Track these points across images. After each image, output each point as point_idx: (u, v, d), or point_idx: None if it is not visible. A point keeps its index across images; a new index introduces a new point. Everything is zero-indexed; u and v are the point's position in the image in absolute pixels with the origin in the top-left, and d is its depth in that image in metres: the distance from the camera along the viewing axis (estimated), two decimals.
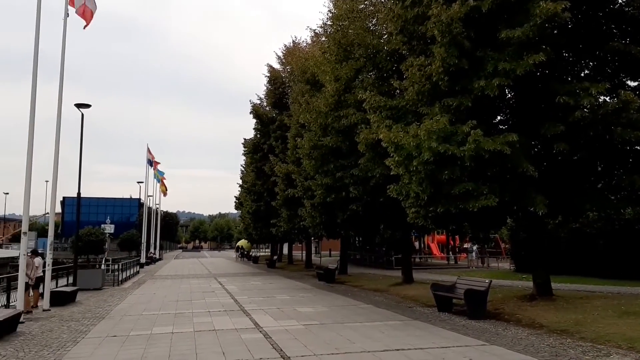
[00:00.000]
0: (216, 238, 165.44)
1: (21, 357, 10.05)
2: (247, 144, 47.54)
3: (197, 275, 35.39)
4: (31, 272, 16.69)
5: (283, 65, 40.05)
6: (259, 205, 43.33)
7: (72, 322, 14.51)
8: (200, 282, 28.42)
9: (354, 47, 21.90)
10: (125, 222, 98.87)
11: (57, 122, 17.88)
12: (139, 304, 18.79)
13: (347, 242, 34.43)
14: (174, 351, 10.20)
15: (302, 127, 27.37)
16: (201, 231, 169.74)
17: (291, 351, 9.92)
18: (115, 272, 29.25)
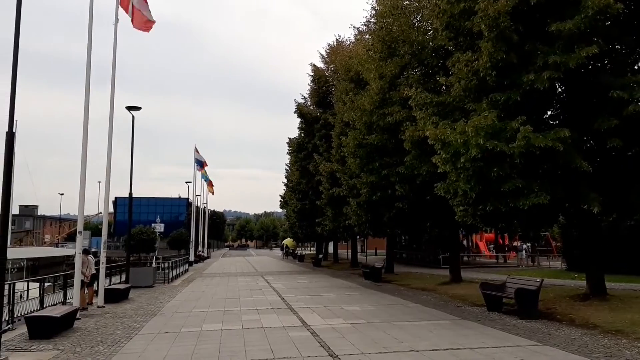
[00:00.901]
0: (262, 237, 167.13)
1: (78, 352, 10.40)
2: (291, 143, 47.84)
3: (244, 273, 35.84)
4: (86, 270, 17.21)
5: (327, 64, 40.09)
6: (304, 204, 43.52)
7: (126, 318, 14.93)
8: (247, 280, 28.78)
9: (398, 44, 21.73)
10: (174, 221, 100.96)
11: (110, 125, 18.42)
12: (188, 301, 19.17)
13: (393, 241, 34.22)
14: (223, 348, 10.36)
15: (347, 125, 27.35)
16: (247, 230, 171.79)
17: (339, 349, 9.94)
18: (165, 270, 29.92)
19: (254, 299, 19.05)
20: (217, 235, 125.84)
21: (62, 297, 17.64)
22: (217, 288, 24.30)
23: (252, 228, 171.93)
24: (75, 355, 10.04)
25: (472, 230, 37.12)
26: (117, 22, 18.19)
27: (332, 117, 32.70)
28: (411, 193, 21.29)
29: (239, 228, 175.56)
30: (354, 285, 24.72)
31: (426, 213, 22.35)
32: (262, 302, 17.96)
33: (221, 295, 20.65)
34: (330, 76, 39.04)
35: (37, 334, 11.84)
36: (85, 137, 15.89)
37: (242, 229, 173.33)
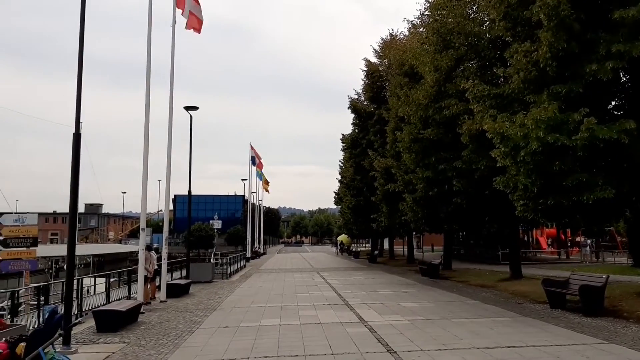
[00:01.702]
0: (316, 233, 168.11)
1: (143, 345, 10.74)
2: (345, 139, 47.79)
3: (300, 269, 36.12)
4: (149, 265, 17.71)
5: (380, 58, 39.84)
6: (359, 200, 43.42)
7: (187, 313, 15.32)
8: (303, 276, 28.99)
9: (453, 36, 21.35)
10: (231, 218, 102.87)
11: (169, 125, 18.90)
12: (247, 296, 19.49)
13: (450, 237, 33.69)
14: (282, 343, 10.47)
15: (401, 120, 27.09)
16: (302, 226, 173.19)
17: (397, 346, 9.88)
18: (223, 266, 30.50)
19: (311, 295, 19.17)
20: (273, 232, 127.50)
21: (127, 291, 18.30)
22: (274, 284, 24.59)
23: (307, 224, 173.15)
24: (140, 348, 10.37)
25: (533, 226, 36.06)
26: (174, 24, 18.64)
27: (387, 112, 32.47)
28: (469, 188, 20.90)
29: (294, 225, 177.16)
30: (410, 281, 24.51)
31: (485, 208, 21.89)
32: (318, 298, 18.06)
33: (278, 291, 20.88)
34: (384, 71, 38.76)
35: (104, 327, 12.30)
36: (146, 138, 16.37)
37: (297, 226, 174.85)
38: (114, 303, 15.06)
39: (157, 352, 9.96)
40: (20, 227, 15.67)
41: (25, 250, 15.52)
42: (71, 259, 11.10)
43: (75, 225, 11.09)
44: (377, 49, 40.02)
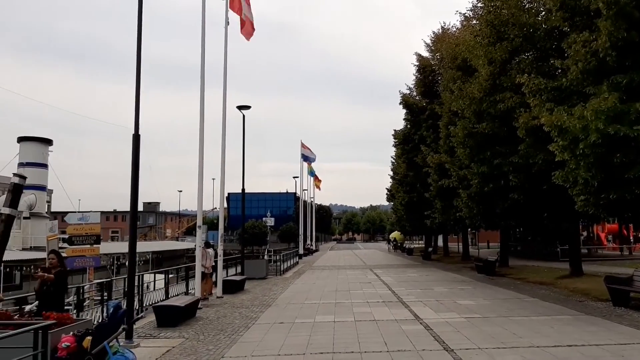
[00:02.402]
0: (368, 230, 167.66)
1: (201, 340, 11.00)
2: (397, 135, 47.41)
3: (353, 266, 36.12)
4: (206, 262, 18.05)
5: (432, 52, 39.28)
6: (412, 196, 43.01)
7: (243, 308, 15.58)
8: (356, 273, 28.98)
9: (508, 28, 20.85)
10: (283, 215, 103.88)
11: (223, 125, 19.22)
12: (300, 293, 19.65)
13: (506, 233, 32.95)
14: (337, 339, 10.51)
15: (455, 114, 26.66)
16: (354, 223, 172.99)
17: (454, 344, 9.76)
18: (277, 263, 30.85)
19: (365, 292, 19.15)
20: (324, 229, 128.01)
21: (185, 287, 18.76)
22: (327, 280, 24.69)
23: (359, 221, 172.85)
24: (199, 343, 10.63)
25: (594, 221, 34.89)
26: (227, 25, 18.95)
27: (439, 106, 32.01)
28: (526, 183, 20.38)
29: (346, 222, 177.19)
30: (466, 279, 24.12)
31: (543, 203, 21.29)
32: (372, 295, 18.02)
33: (331, 288, 20.95)
34: (436, 65, 38.21)
35: (164, 322, 12.66)
36: (201, 138, 16.71)
37: (349, 223, 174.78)
38: (173, 299, 15.48)
39: (215, 347, 10.18)
40: (83, 225, 16.33)
41: (89, 247, 16.16)
42: (132, 256, 11.48)
43: (135, 223, 11.44)
44: (429, 43, 39.50)
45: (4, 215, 14.12)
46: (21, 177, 14.49)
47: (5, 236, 14.06)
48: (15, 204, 14.41)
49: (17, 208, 14.80)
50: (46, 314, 7.52)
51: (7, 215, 13.98)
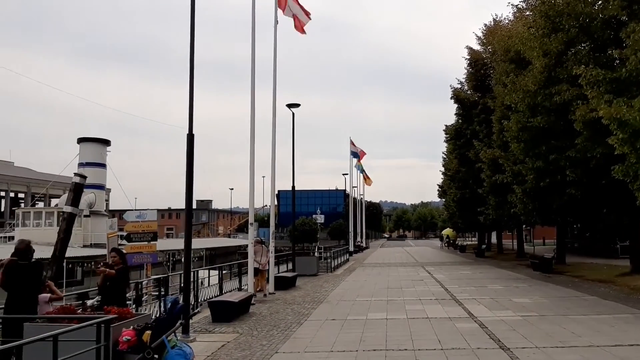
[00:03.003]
0: (419, 227, 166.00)
1: (255, 335, 11.16)
2: (448, 130, 46.70)
3: (404, 263, 35.86)
4: (261, 258, 18.18)
5: (484, 45, 38.45)
6: (464, 192, 42.32)
7: (295, 305, 15.70)
8: (408, 271, 28.76)
9: (563, 18, 20.19)
10: (333, 212, 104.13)
11: (273, 123, 19.40)
12: (352, 290, 19.65)
13: (563, 230, 32.01)
14: (390, 337, 10.46)
15: (508, 108, 26.04)
16: (404, 220, 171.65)
17: (511, 342, 9.55)
18: (327, 260, 30.93)
19: (417, 290, 18.98)
20: (375, 226, 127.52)
21: (238, 283, 19.07)
22: (378, 278, 24.59)
23: (409, 218, 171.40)
24: (253, 338, 10.78)
25: None
26: (276, 24, 19.08)
27: (492, 100, 31.35)
28: (584, 178, 19.73)
29: (396, 218, 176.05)
30: (521, 276, 23.56)
31: (601, 199, 20.58)
32: (425, 293, 17.84)
33: (383, 285, 20.86)
34: (488, 58, 37.38)
35: (218, 317, 12.89)
36: (252, 137, 16.87)
37: (399, 220, 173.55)
38: (227, 294, 15.77)
39: (269, 342, 10.30)
40: (141, 222, 16.82)
41: (146, 244, 16.64)
42: (188, 253, 11.75)
43: (191, 221, 11.71)
44: (480, 36, 38.66)
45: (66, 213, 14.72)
46: (82, 177, 15.06)
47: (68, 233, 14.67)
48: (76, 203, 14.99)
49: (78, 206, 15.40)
50: (107, 309, 7.78)
51: (69, 214, 14.56)
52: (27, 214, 40.15)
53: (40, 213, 39.85)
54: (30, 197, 64.28)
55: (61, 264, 14.59)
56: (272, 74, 19.54)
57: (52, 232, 29.60)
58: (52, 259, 13.97)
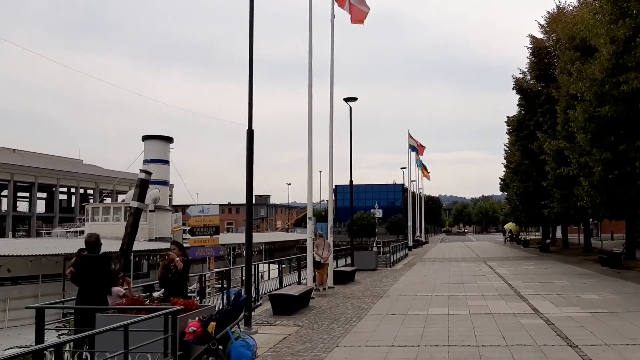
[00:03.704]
0: (480, 221, 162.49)
1: (315, 328, 11.25)
2: (510, 121, 45.44)
3: (465, 258, 35.26)
4: (322, 252, 18.23)
5: (547, 33, 37.19)
6: (527, 185, 41.17)
7: (354, 299, 15.72)
8: (469, 266, 28.26)
9: (631, 3, 19.30)
10: (391, 207, 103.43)
11: (330, 117, 19.45)
12: (412, 284, 19.49)
13: (633, 223, 30.61)
14: (452, 332, 10.32)
15: (574, 98, 25.08)
16: (464, 214, 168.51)
17: (578, 339, 9.24)
18: (386, 254, 30.76)
19: (479, 285, 18.62)
20: (434, 221, 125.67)
21: (297, 277, 19.26)
22: (439, 273, 24.29)
23: (470, 212, 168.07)
24: (313, 331, 10.88)
25: None
26: (333, 19, 19.08)
27: (556, 90, 30.28)
28: None
29: (456, 213, 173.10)
30: (589, 272, 22.73)
31: None
32: (487, 288, 17.48)
33: (444, 280, 20.58)
34: (551, 47, 36.13)
35: (279, 310, 13.09)
36: (310, 132, 16.98)
37: (459, 214, 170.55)
38: (287, 288, 15.95)
39: (330, 336, 10.36)
40: (203, 217, 17.23)
41: (209, 238, 17.04)
42: (249, 247, 11.95)
43: (251, 215, 11.90)
44: (543, 24, 37.42)
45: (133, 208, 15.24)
46: (147, 173, 15.56)
47: (135, 227, 15.18)
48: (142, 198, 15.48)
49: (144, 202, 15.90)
50: (174, 300, 8.02)
51: (135, 209, 15.08)
52: (96, 209, 41.81)
53: (108, 208, 41.41)
54: (99, 193, 67.00)
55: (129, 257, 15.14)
56: (330, 68, 19.57)
57: (119, 226, 30.82)
58: (120, 252, 14.52)
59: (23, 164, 64.06)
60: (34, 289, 25.98)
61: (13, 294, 24.91)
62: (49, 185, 68.84)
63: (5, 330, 23.32)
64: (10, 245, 30.33)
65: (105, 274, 8.27)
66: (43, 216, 70.53)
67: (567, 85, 25.86)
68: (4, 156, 65.37)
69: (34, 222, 66.72)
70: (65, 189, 73.78)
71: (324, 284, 18.07)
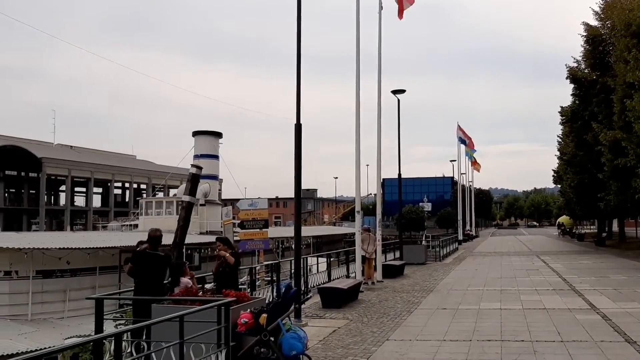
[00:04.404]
0: (532, 214, 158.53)
1: (365, 322, 11.25)
2: (564, 112, 44.08)
3: (517, 252, 34.50)
4: (367, 246, 18.22)
5: (602, 21, 35.82)
6: (582, 177, 39.88)
7: (404, 293, 15.63)
8: (521, 260, 27.64)
9: None
10: (440, 200, 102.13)
11: (378, 110, 19.33)
12: (462, 279, 19.22)
13: None
14: (505, 327, 10.14)
15: (630, 87, 24.16)
16: (516, 208, 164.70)
17: (637, 336, 8.95)
18: (435, 248, 30.43)
19: (532, 280, 18.20)
20: (484, 214, 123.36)
21: (345, 271, 19.28)
22: (490, 267, 23.86)
23: (522, 206, 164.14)
24: (363, 325, 10.88)
25: None
26: (381, 10, 18.92)
27: (612, 79, 29.20)
28: None
29: (507, 206, 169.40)
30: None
31: None
32: (541, 283, 17.07)
33: (495, 275, 20.20)
34: (606, 34, 34.80)
35: (328, 303, 13.14)
36: (357, 125, 16.92)
37: (510, 207, 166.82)
38: (336, 281, 16.00)
39: (379, 329, 10.34)
40: (253, 210, 17.46)
41: (258, 231, 17.27)
42: (298, 240, 12.03)
43: (300, 209, 11.98)
44: (598, 11, 36.07)
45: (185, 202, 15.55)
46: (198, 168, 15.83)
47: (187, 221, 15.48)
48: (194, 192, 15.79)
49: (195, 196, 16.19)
50: (225, 292, 8.16)
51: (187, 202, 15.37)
52: (149, 203, 42.99)
53: (161, 202, 42.53)
54: (151, 187, 68.74)
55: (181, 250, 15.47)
56: (377, 59, 19.42)
57: (172, 220, 31.57)
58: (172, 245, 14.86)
59: (80, 160, 66.37)
60: (92, 280, 26.93)
61: (72, 285, 25.90)
62: (104, 181, 71.10)
63: (65, 320, 24.30)
64: (69, 238, 31.51)
65: (161, 271, 8.47)
66: (99, 210, 72.98)
67: (623, 74, 24.93)
68: (62, 153, 67.90)
69: (90, 216, 69.12)
70: (120, 184, 76.14)
71: (372, 278, 18.02)
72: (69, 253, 25.58)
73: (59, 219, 70.47)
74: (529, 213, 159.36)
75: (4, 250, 23.63)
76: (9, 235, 34.66)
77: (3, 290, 23.92)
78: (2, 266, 24.07)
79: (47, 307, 24.96)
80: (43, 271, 25.10)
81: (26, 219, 68.22)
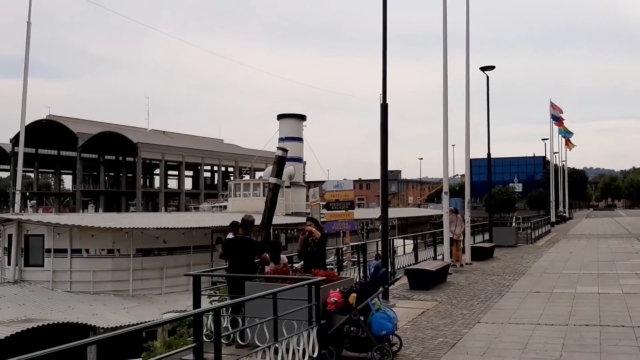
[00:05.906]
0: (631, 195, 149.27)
1: (454, 304, 11.09)
2: None
3: (615, 235, 32.66)
4: (455, 228, 17.89)
5: None
6: None
7: (494, 276, 15.25)
8: (619, 243, 26.17)
9: None
10: (530, 181, 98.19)
11: (467, 88, 18.83)
12: (556, 262, 18.50)
13: None
14: (603, 312, 9.72)
15: None
16: (613, 188, 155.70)
17: None
18: (527, 230, 29.41)
19: (632, 263, 17.22)
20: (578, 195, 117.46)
21: (432, 253, 19.05)
22: (586, 250, 22.77)
23: (619, 186, 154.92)
24: (452, 307, 10.74)
25: None
26: None
27: None
28: None
29: (603, 186, 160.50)
30: None
31: None
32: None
33: (591, 258, 19.27)
34: None
35: (416, 285, 13.06)
36: (445, 104, 16.61)
37: (607, 188, 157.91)
38: (423, 263, 15.86)
39: (470, 312, 10.17)
40: (338, 192, 17.53)
41: (344, 212, 17.32)
42: (385, 221, 12.03)
43: (386, 190, 11.95)
44: None
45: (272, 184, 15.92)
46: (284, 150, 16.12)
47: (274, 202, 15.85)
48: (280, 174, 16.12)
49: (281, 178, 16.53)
50: (315, 271, 8.30)
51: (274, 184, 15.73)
52: (237, 185, 44.24)
53: (248, 185, 43.63)
54: (238, 170, 70.80)
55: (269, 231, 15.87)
56: (465, 35, 18.91)
57: (259, 201, 32.44)
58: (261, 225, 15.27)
59: (172, 145, 69.37)
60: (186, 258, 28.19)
61: (169, 263, 27.23)
62: (194, 164, 74.05)
63: (163, 296, 25.64)
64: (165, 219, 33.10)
65: (249, 252, 8.77)
66: (190, 192, 76.18)
67: None
68: (156, 138, 71.24)
69: (182, 197, 72.31)
70: (209, 167, 78.95)
71: (461, 260, 17.70)
72: (165, 233, 26.88)
73: (153, 201, 74.25)
74: (628, 194, 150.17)
75: (107, 230, 25.19)
76: (111, 215, 36.93)
77: (107, 267, 25.56)
78: (106, 244, 25.67)
79: (146, 284, 26.42)
80: (142, 249, 26.54)
81: (124, 200, 72.38)
